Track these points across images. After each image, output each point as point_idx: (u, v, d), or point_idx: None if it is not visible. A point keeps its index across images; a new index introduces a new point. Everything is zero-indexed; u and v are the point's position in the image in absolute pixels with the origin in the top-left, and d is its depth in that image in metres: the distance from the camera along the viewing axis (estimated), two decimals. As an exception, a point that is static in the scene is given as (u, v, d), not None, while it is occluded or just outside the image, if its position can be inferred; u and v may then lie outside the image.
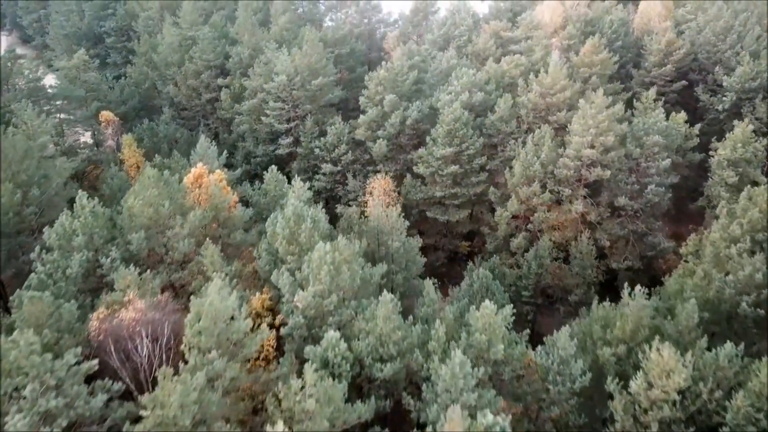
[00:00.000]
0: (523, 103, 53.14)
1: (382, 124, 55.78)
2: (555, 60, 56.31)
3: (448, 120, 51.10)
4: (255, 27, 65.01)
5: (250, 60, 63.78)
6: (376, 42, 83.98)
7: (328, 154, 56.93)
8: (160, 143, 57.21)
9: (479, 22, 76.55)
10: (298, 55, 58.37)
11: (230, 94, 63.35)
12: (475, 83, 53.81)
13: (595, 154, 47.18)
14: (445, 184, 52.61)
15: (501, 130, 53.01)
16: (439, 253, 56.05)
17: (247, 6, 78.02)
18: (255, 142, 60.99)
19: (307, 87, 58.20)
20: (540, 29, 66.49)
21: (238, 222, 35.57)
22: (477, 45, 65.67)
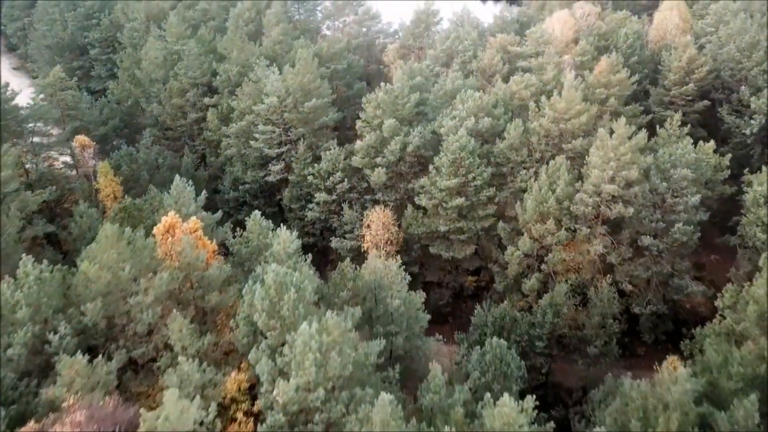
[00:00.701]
0: (534, 129, 48.23)
1: (380, 150, 50.91)
2: (569, 81, 51.35)
3: (453, 148, 46.22)
4: (244, 42, 60.06)
5: (239, 78, 58.83)
6: (374, 54, 79.09)
7: (322, 182, 52.03)
8: (140, 170, 52.29)
9: (484, 34, 71.70)
10: (290, 75, 53.45)
11: (217, 115, 58.44)
12: (482, 107, 48.90)
13: (617, 190, 42.29)
14: (450, 218, 47.74)
15: (511, 159, 48.10)
16: (442, 290, 51.20)
17: (238, 17, 73.26)
18: (244, 167, 56.06)
19: (300, 109, 53.31)
20: (550, 44, 61.56)
21: (215, 281, 30.70)
22: (483, 61, 60.74)
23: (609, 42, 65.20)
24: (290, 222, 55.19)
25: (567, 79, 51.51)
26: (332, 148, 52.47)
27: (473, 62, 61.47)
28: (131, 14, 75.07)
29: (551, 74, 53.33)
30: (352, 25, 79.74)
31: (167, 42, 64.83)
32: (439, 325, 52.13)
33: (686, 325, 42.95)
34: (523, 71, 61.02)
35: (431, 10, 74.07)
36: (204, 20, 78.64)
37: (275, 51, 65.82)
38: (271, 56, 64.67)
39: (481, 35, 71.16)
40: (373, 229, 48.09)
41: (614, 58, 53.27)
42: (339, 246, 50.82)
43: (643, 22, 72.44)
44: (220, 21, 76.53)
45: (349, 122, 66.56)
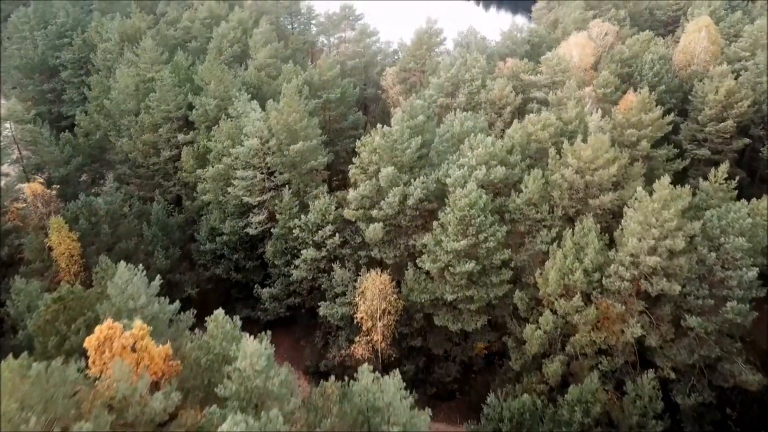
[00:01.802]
0: (556, 181, 40.92)
1: (377, 201, 43.64)
2: (595, 123, 44.06)
3: (461, 205, 38.89)
4: (224, 72, 52.58)
5: (217, 112, 51.50)
6: (372, 77, 71.87)
7: (310, 236, 44.77)
8: (100, 223, 45.01)
9: (493, 57, 64.36)
10: (274, 113, 46.11)
11: (193, 154, 51.10)
12: (495, 154, 41.59)
13: (659, 262, 35.02)
14: (458, 284, 40.44)
15: (529, 216, 40.76)
16: (449, 363, 44.00)
17: (222, 37, 65.98)
18: (222, 215, 48.74)
19: (285, 152, 45.99)
20: (568, 71, 54.24)
21: (159, 414, 23.40)
22: (493, 91, 53.41)
23: (633, 69, 57.98)
24: (274, 278, 48.03)
25: (592, 121, 44.20)
26: (322, 196, 45.21)
27: (481, 92, 54.14)
28: (105, 34, 67.66)
29: (573, 112, 45.96)
30: (347, 45, 72.39)
31: (140, 68, 57.43)
32: (445, 401, 45.13)
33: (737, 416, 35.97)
34: (538, 103, 53.93)
35: (434, 29, 66.68)
36: (186, 39, 71.49)
37: (260, 78, 58.45)
38: (255, 84, 57.47)
39: (490, 58, 63.89)
40: (368, 298, 40.83)
41: (645, 94, 45.91)
42: (329, 313, 43.54)
43: (668, 44, 65.14)
44: (202, 41, 69.19)
45: (343, 155, 59.50)
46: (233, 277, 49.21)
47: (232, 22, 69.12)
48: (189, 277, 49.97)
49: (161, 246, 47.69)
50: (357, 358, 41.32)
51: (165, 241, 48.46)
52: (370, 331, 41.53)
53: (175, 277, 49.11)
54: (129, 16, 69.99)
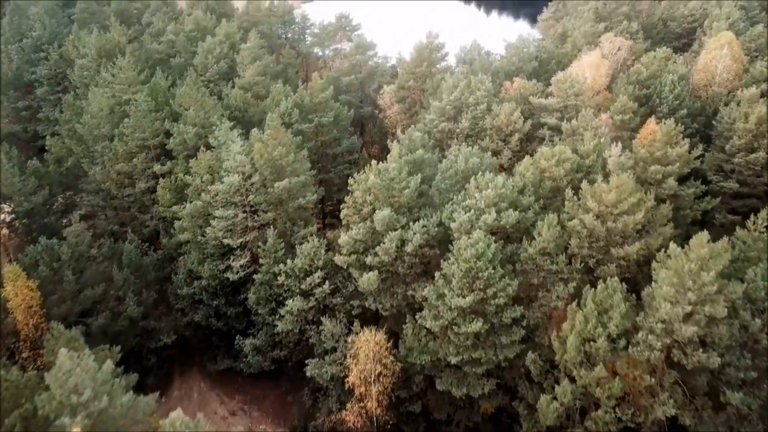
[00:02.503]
0: (573, 228, 36.00)
1: (372, 245, 38.75)
2: (614, 158, 39.15)
3: (467, 256, 34.00)
4: (204, 96, 47.49)
5: (197, 141, 46.54)
6: (369, 94, 66.91)
7: (297, 284, 39.89)
8: (63, 269, 40.09)
9: (499, 75, 59.48)
10: (258, 145, 41.15)
11: (170, 187, 46.13)
12: (505, 196, 36.64)
13: (696, 331, 30.12)
14: (463, 345, 35.57)
15: (543, 268, 35.83)
16: (452, 429, 39.09)
17: (208, 53, 60.99)
18: (200, 256, 43.79)
19: (269, 190, 41.06)
20: (581, 94, 49.30)
21: None
22: (499, 117, 48.48)
23: (651, 90, 53.02)
24: (258, 327, 43.14)
25: (612, 156, 39.29)
26: (310, 238, 40.25)
27: (486, 118, 49.20)
28: (82, 48, 62.61)
29: (591, 144, 41.00)
30: (342, 60, 67.43)
31: (115, 89, 52.44)
32: (447, 468, 40.23)
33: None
34: (549, 129, 49.03)
35: (434, 44, 61.71)
36: (170, 54, 66.45)
37: (246, 100, 53.49)
38: (240, 107, 52.50)
39: (495, 76, 59.00)
40: (361, 360, 35.92)
41: (671, 126, 40.95)
42: (317, 373, 38.62)
43: (687, 61, 60.18)
44: (187, 57, 64.14)
45: (336, 182, 54.69)
46: (213, 325, 44.32)
47: (219, 36, 64.06)
48: (165, 323, 45.14)
49: (133, 291, 42.83)
50: (349, 426, 36.47)
51: (138, 284, 43.59)
52: (364, 397, 36.62)
53: (149, 324, 44.37)
54: (108, 30, 65.02)
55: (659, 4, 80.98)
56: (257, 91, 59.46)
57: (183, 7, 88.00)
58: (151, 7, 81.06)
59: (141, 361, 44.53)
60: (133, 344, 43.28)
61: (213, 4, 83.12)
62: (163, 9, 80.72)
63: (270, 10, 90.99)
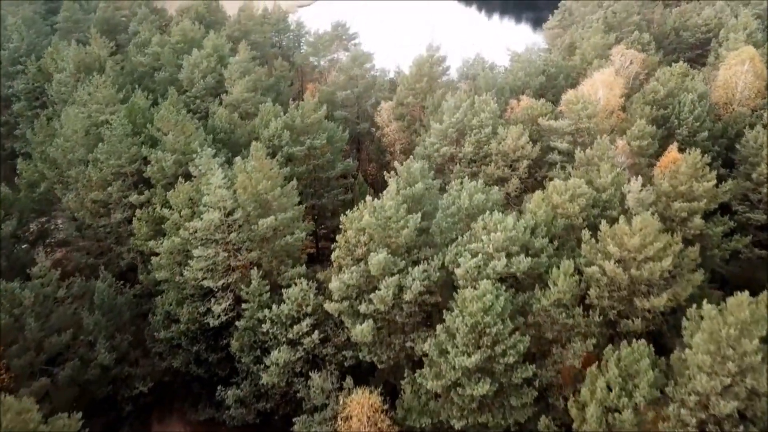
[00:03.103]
0: (592, 275, 31.98)
1: (366, 290, 34.74)
2: (635, 193, 35.10)
3: (473, 309, 29.99)
4: (184, 120, 43.32)
5: (176, 169, 42.47)
6: (365, 109, 62.83)
7: (284, 332, 35.84)
8: (26, 316, 36.01)
9: (504, 91, 55.42)
10: (242, 177, 37.06)
11: (147, 219, 42.04)
12: (515, 238, 32.57)
13: (737, 406, 26.11)
14: (468, 408, 31.55)
15: (558, 321, 31.81)
16: (455, 495, 35.01)
17: (194, 67, 56.93)
18: (179, 296, 39.75)
19: (253, 227, 36.99)
20: (595, 116, 45.21)
21: None
22: (506, 142, 44.43)
23: (669, 111, 49.00)
24: (242, 375, 39.07)
25: (631, 191, 35.24)
26: (298, 281, 36.19)
27: (492, 142, 45.14)
28: (60, 62, 58.55)
29: (608, 177, 36.93)
30: (338, 73, 63.33)
31: (91, 109, 48.36)
32: None
33: None
34: (560, 154, 44.97)
35: (435, 58, 57.59)
36: (156, 67, 62.36)
37: (232, 121, 49.42)
38: (226, 128, 48.47)
39: (500, 92, 54.95)
40: (354, 424, 31.90)
41: (696, 157, 36.88)
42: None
43: (705, 77, 56.11)
44: (173, 71, 60.02)
45: (330, 209, 50.72)
46: (193, 371, 40.27)
47: (207, 48, 59.95)
48: (142, 368, 41.01)
49: (105, 335, 38.72)
50: (341, 496, 32.48)
51: (111, 327, 39.48)
52: (357, 464, 32.61)
53: (123, 371, 40.20)
54: (88, 43, 60.94)
55: (671, 13, 76.96)
56: (246, 108, 55.40)
57: (174, 14, 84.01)
58: (138, 14, 76.88)
59: (116, 408, 40.66)
60: (106, 392, 39.35)
61: (203, 13, 79.12)
62: (151, 17, 76.41)
63: (264, 17, 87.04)
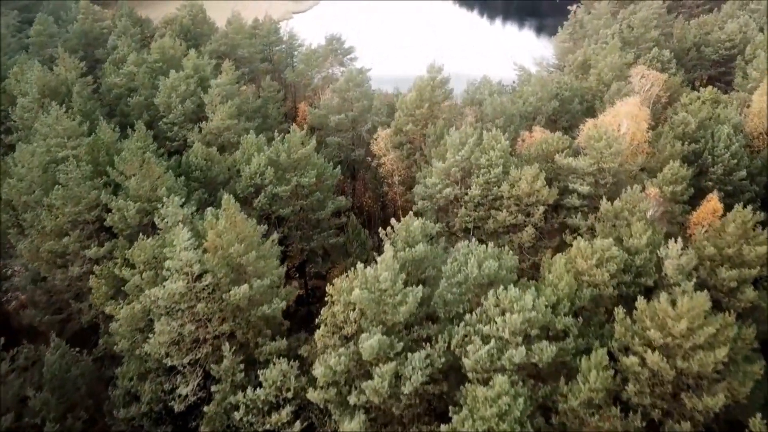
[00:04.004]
0: (630, 368, 26.29)
1: (357, 375, 29.06)
2: (674, 260, 29.36)
3: (487, 414, 24.33)
4: (150, 160, 37.50)
5: (141, 218, 36.77)
6: (361, 134, 57.05)
7: (261, 419, 30.16)
8: (-45, 402, 30.36)
9: (513, 118, 49.73)
10: (211, 238, 31.32)
11: (107, 276, 36.31)
12: (535, 320, 26.88)
13: None
14: None
15: (590, 424, 26.08)
16: None
17: (171, 90, 51.19)
18: (141, 371, 34.00)
19: (224, 296, 31.26)
20: (619, 155, 39.46)
21: None
22: (519, 185, 38.69)
23: (701, 146, 43.30)
24: (215, 463, 33.31)
25: (670, 257, 29.48)
26: (277, 361, 30.48)
27: (503, 184, 39.40)
28: (24, 84, 52.79)
29: (642, 238, 31.18)
30: (332, 95, 57.56)
31: (50, 143, 42.63)
32: None
33: None
34: (580, 198, 39.24)
35: (437, 80, 51.74)
36: (132, 89, 56.59)
37: (209, 155, 43.70)
38: (202, 166, 42.80)
39: (509, 119, 49.23)
40: None
41: (747, 215, 31.07)
42: None
43: (737, 104, 50.32)
44: (148, 94, 54.31)
45: (320, 254, 45.12)
46: (159, 457, 34.58)
47: (187, 68, 54.23)
48: (100, 450, 35.44)
49: (54, 417, 33.09)
50: None
51: (61, 407, 33.81)
52: None
53: (77, 456, 34.54)
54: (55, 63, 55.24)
55: (689, 25, 71.17)
56: (228, 138, 49.71)
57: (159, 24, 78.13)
58: (118, 27, 71.06)
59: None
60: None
61: (188, 25, 73.36)
62: (132, 31, 70.58)
63: (255, 28, 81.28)
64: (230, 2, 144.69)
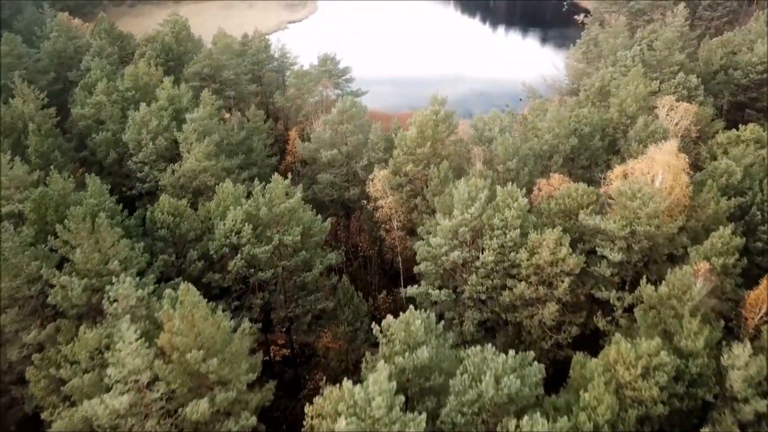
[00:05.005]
0: None
1: None
2: (740, 371, 23.24)
3: None
4: (101, 226, 31.27)
5: (89, 297, 30.60)
6: (357, 172, 50.95)
7: None
8: None
9: (527, 160, 43.68)
10: (165, 339, 25.13)
11: (45, 366, 30.11)
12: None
13: None
14: None
15: None
16: None
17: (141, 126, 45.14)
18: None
19: (180, 411, 25.08)
20: (657, 216, 33.29)
21: None
22: (541, 254, 32.57)
23: (748, 199, 37.12)
24: None
25: (738, 369, 23.36)
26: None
27: (521, 250, 33.25)
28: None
29: (700, 341, 25.04)
30: (323, 129, 51.41)
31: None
32: None
33: None
34: (610, 266, 33.13)
35: (441, 115, 45.53)
36: (101, 121, 50.34)
37: (177, 210, 37.50)
38: (169, 223, 36.67)
39: (523, 160, 43.13)
40: None
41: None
42: None
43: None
44: (116, 128, 48.18)
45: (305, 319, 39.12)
46: None
47: (160, 99, 48.13)
48: None
49: None
50: None
51: None
52: None
53: None
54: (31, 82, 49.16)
55: (714, 46, 64.92)
56: (204, 181, 43.62)
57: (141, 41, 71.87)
58: (94, 46, 64.84)
59: None
60: None
61: (170, 43, 67.16)
62: (108, 50, 64.38)
63: (243, 44, 75.22)
64: (224, 11, 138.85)
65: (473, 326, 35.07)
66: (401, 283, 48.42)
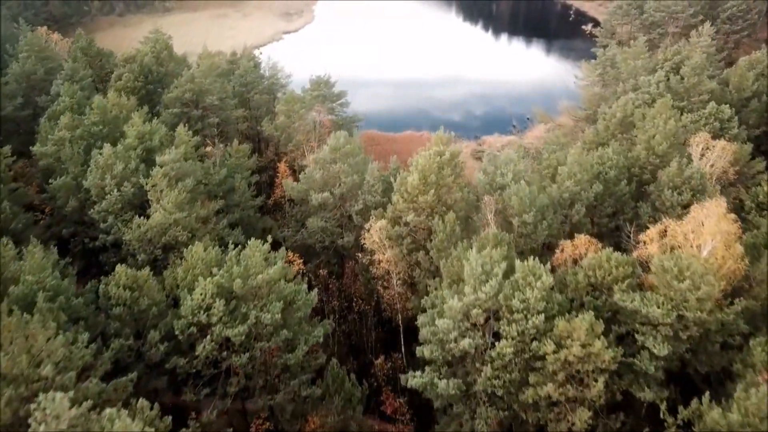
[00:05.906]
0: None
1: None
2: None
3: None
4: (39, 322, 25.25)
5: (13, 409, 24.66)
6: (351, 219, 45.04)
7: None
8: None
9: (545, 210, 37.81)
10: None
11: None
12: None
13: None
14: None
15: None
16: None
17: (103, 172, 39.51)
18: None
19: None
20: (709, 299, 27.36)
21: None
22: (571, 347, 26.63)
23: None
24: None
25: None
26: None
27: (547, 342, 27.32)
28: None
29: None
30: (315, 168, 45.48)
31: None
32: None
33: None
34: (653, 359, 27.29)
35: (445, 157, 39.51)
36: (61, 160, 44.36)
37: (138, 282, 31.52)
38: (125, 300, 30.79)
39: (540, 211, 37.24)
40: None
41: None
42: None
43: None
44: (78, 171, 42.19)
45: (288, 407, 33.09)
46: None
47: (129, 138, 42.21)
48: None
49: None
50: None
51: None
52: None
53: None
54: None
55: (741, 68, 58.90)
56: (175, 235, 37.73)
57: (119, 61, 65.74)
58: (66, 69, 58.90)
59: None
60: None
61: (150, 64, 61.19)
62: (82, 73, 58.42)
63: (232, 63, 69.44)
64: (217, 21, 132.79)
65: (486, 426, 29.11)
66: (401, 346, 42.64)
